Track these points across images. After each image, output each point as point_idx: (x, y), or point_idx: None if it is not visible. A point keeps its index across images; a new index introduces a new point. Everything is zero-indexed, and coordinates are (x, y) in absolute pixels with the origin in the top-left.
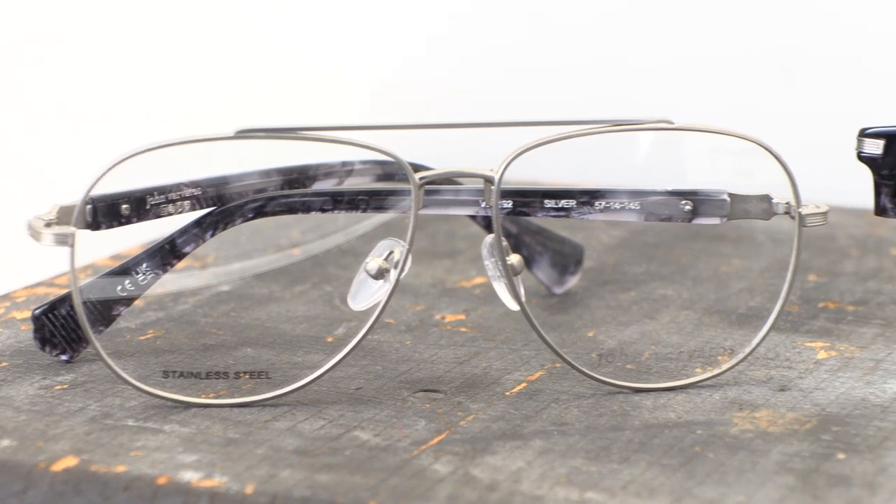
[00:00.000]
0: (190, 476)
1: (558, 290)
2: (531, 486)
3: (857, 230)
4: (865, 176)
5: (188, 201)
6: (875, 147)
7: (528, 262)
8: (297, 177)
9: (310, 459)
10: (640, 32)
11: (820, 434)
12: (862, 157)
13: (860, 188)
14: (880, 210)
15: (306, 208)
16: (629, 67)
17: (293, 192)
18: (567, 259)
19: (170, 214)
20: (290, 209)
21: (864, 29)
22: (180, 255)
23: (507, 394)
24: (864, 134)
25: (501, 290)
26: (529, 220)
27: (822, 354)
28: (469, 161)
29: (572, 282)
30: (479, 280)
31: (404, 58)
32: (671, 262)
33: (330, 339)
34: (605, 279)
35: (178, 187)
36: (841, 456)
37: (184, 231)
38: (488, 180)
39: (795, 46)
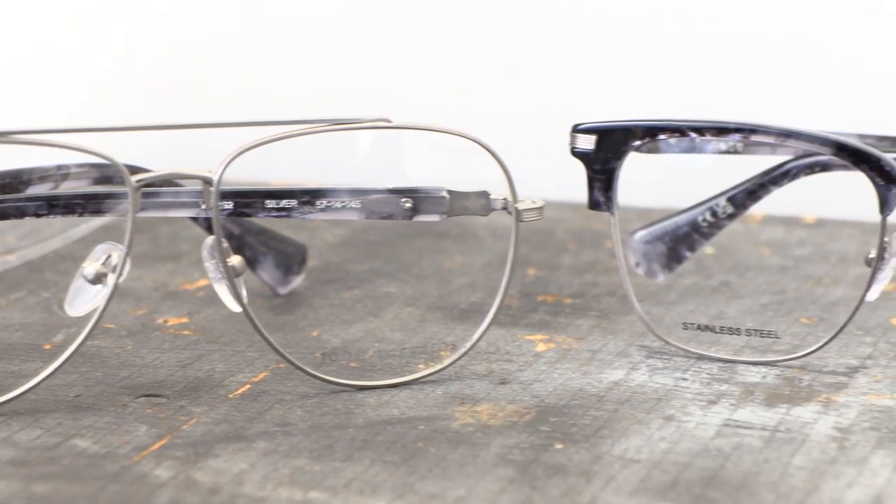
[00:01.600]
0: None
1: (283, 291)
2: (254, 488)
3: (574, 224)
4: (580, 171)
5: None
6: (587, 142)
7: (252, 263)
8: (11, 181)
9: (26, 470)
10: (360, 30)
11: (539, 425)
12: (575, 153)
13: (575, 183)
14: (594, 204)
15: (20, 213)
16: (349, 66)
17: (6, 197)
18: (290, 259)
19: None
20: (4, 215)
21: (576, 29)
22: None
23: (231, 396)
24: (576, 130)
25: (223, 291)
26: (252, 220)
27: (540, 347)
28: (195, 161)
29: (296, 282)
30: (202, 282)
31: (124, 56)
32: (394, 260)
33: (48, 347)
34: (329, 278)
35: None
36: (559, 446)
37: None
38: (207, 182)
39: (510, 45)
